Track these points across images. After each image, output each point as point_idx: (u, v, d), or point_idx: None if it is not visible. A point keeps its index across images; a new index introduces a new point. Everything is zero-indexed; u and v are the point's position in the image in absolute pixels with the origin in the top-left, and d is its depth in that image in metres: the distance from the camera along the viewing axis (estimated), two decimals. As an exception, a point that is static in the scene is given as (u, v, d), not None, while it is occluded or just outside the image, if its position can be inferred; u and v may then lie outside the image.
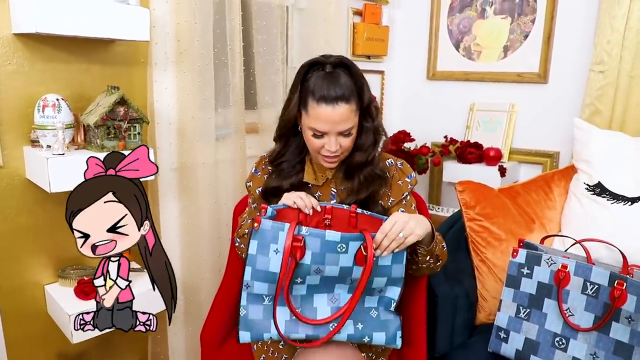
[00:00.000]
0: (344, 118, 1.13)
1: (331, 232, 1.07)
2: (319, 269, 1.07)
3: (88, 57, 1.42)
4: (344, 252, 1.07)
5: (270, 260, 1.07)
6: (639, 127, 1.75)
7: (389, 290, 1.13)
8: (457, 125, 2.31)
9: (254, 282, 1.09)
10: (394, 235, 1.05)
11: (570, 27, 1.98)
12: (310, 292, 1.12)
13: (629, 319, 1.17)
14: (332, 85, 1.11)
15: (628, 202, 1.47)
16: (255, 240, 1.08)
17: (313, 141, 1.17)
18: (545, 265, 1.30)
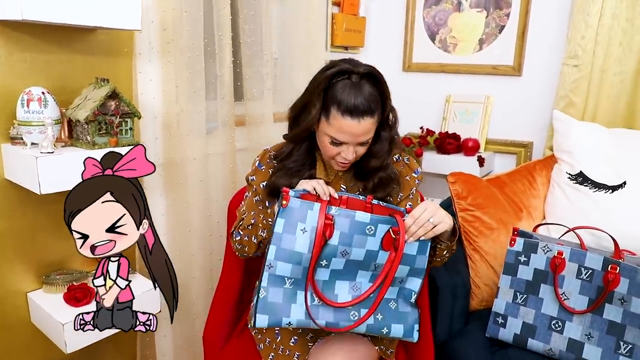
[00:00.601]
0: (366, 131, 1.11)
1: (361, 212, 1.07)
2: (346, 251, 1.06)
3: (69, 46, 1.32)
4: (372, 234, 1.07)
5: (297, 240, 1.05)
6: (610, 118, 1.86)
7: (410, 281, 1.13)
8: (434, 117, 2.35)
9: (277, 262, 1.06)
10: (424, 221, 1.05)
11: (543, 22, 2.06)
12: (332, 278, 1.10)
13: (622, 300, 1.24)
14: (359, 98, 1.07)
15: (609, 190, 1.56)
16: (282, 219, 1.05)
17: (330, 148, 1.15)
18: (541, 252, 1.36)
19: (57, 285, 1.34)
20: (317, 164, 1.25)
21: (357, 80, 1.09)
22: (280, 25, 1.90)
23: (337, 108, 1.08)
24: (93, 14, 1.18)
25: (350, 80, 1.09)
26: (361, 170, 1.23)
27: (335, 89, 1.09)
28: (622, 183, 1.56)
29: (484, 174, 2.10)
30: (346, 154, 1.14)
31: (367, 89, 1.08)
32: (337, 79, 1.10)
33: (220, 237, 1.70)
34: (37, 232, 1.33)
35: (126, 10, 1.24)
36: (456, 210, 1.62)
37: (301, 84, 1.93)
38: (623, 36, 1.82)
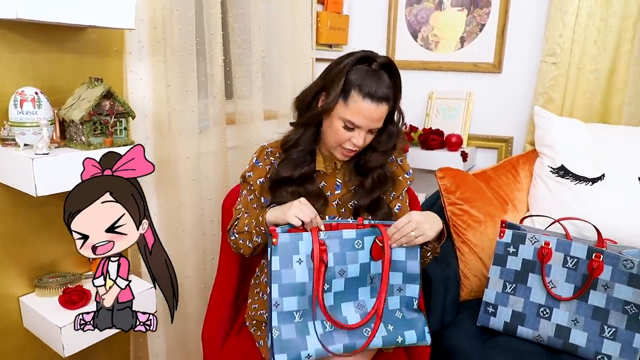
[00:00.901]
0: (381, 117, 1.16)
1: (347, 230, 1.13)
2: (342, 270, 1.11)
3: (59, 45, 1.30)
4: (361, 248, 1.13)
5: (296, 272, 1.09)
6: (586, 114, 1.93)
7: (408, 288, 1.17)
8: (417, 113, 2.39)
9: (282, 299, 1.09)
10: (406, 232, 1.11)
11: (522, 21, 2.13)
12: (337, 302, 1.14)
13: (605, 287, 1.31)
14: (380, 84, 1.12)
15: (589, 183, 1.64)
16: (277, 256, 1.09)
17: (342, 133, 1.17)
18: (529, 243, 1.41)
19: (51, 289, 1.32)
20: (317, 157, 1.28)
21: (377, 67, 1.14)
22: (267, 24, 1.91)
23: (359, 91, 1.13)
24: (88, 13, 1.17)
25: (370, 67, 1.14)
26: (361, 165, 1.26)
27: (356, 74, 1.14)
28: (601, 175, 1.63)
29: (467, 168, 2.16)
30: (357, 140, 1.17)
31: (385, 77, 1.14)
32: (358, 65, 1.15)
33: (214, 236, 1.70)
34: (28, 235, 1.31)
35: (120, 9, 1.23)
36: (445, 205, 1.66)
37: (288, 82, 1.96)
38: (598, 35, 1.90)
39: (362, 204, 1.25)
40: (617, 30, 1.87)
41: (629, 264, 1.27)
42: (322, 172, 1.29)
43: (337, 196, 1.30)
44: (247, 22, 1.72)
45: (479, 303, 1.50)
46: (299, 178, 1.24)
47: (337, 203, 1.29)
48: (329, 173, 1.28)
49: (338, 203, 1.29)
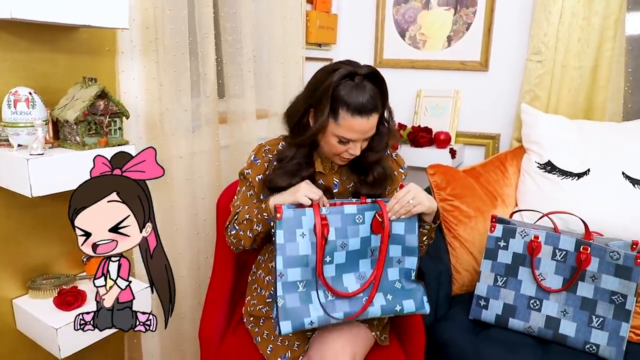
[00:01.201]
0: (373, 127, 1.19)
1: (348, 205, 1.19)
2: (344, 243, 1.17)
3: (51, 45, 1.29)
4: (362, 222, 1.19)
5: (299, 245, 1.15)
6: (571, 111, 1.98)
7: (407, 260, 1.23)
8: (405, 111, 2.42)
9: (287, 269, 1.15)
10: (405, 201, 1.16)
11: (508, 20, 2.17)
12: (339, 273, 1.19)
13: (593, 278, 1.35)
14: (365, 97, 1.13)
15: (575, 178, 1.68)
16: (281, 230, 1.15)
17: (338, 147, 1.21)
18: (519, 237, 1.45)
19: (45, 290, 1.31)
20: (316, 161, 1.30)
21: (360, 80, 1.14)
22: (258, 23, 1.91)
23: (347, 109, 1.14)
24: (82, 12, 1.16)
25: (353, 81, 1.14)
26: (358, 164, 1.28)
27: (341, 92, 1.14)
28: (587, 170, 1.68)
29: (456, 165, 2.19)
30: (353, 150, 1.21)
31: (370, 87, 1.15)
32: (342, 81, 1.14)
33: (208, 235, 1.70)
34: (21, 237, 1.30)
35: (113, 9, 1.23)
36: (436, 201, 1.69)
37: (279, 82, 1.97)
38: (581, 33, 1.95)
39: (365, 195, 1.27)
40: (599, 28, 1.92)
41: (615, 256, 1.32)
42: (320, 172, 1.30)
43: (334, 195, 1.32)
44: (239, 22, 1.72)
45: (470, 297, 1.53)
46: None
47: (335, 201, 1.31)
48: (326, 173, 1.31)
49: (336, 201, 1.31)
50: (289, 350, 1.24)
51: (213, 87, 1.63)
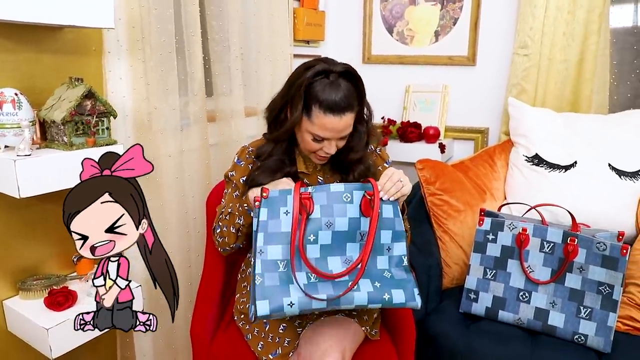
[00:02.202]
0: (347, 126, 1.18)
1: (334, 184, 1.15)
2: (329, 222, 1.12)
3: (36, 45, 1.28)
4: (350, 201, 1.13)
5: (282, 222, 1.11)
6: (558, 104, 2.00)
7: (396, 247, 1.17)
8: (394, 107, 2.43)
9: (267, 247, 1.10)
10: (396, 179, 1.13)
11: (494, 14, 2.18)
12: (323, 255, 1.13)
13: (580, 269, 1.37)
14: (339, 95, 1.12)
15: (562, 170, 1.70)
16: (265, 208, 1.11)
17: (312, 145, 1.20)
18: (507, 230, 1.46)
19: (35, 291, 1.31)
20: (297, 159, 1.30)
21: (335, 78, 1.14)
22: (245, 21, 1.91)
23: (319, 106, 1.13)
24: (67, 12, 1.16)
25: (328, 79, 1.14)
26: (340, 163, 1.28)
27: (315, 89, 1.14)
28: (574, 162, 1.70)
29: (445, 159, 2.21)
30: (328, 149, 1.20)
31: (345, 86, 1.14)
32: (316, 78, 1.14)
33: (198, 234, 1.70)
34: (10, 238, 1.29)
35: (98, 9, 1.22)
36: (425, 195, 1.70)
37: (267, 79, 1.97)
38: (566, 27, 1.97)
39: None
40: (584, 22, 1.94)
41: (602, 246, 1.33)
42: (303, 172, 1.30)
43: None
44: (226, 20, 1.72)
45: (461, 290, 1.55)
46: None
47: None
48: (310, 173, 1.30)
49: None
50: (279, 347, 1.25)
51: (201, 85, 1.63)
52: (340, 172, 1.31)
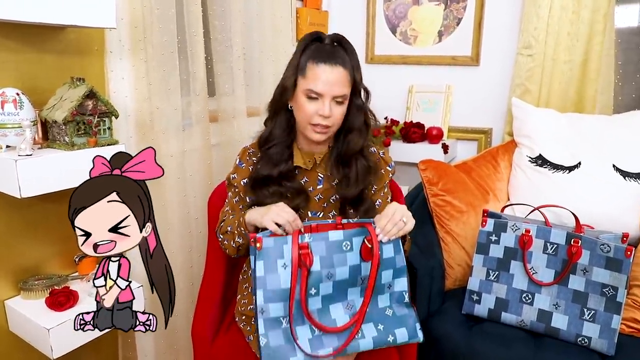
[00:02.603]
0: (340, 80, 1.17)
1: (333, 232, 1.10)
2: (330, 273, 1.08)
3: (38, 45, 1.28)
4: (349, 249, 1.10)
5: (281, 277, 1.07)
6: (562, 104, 1.99)
7: (397, 283, 1.15)
8: (398, 107, 2.42)
9: (268, 305, 1.07)
10: (397, 219, 1.10)
11: (498, 14, 2.17)
12: (325, 304, 1.11)
13: (584, 271, 1.36)
14: (331, 51, 1.18)
15: (566, 171, 1.69)
16: (261, 261, 1.07)
17: (307, 107, 1.19)
18: (510, 231, 1.45)
19: (37, 291, 1.31)
20: (295, 153, 1.29)
21: (329, 42, 1.22)
22: (248, 21, 1.91)
23: (313, 60, 1.18)
24: (69, 12, 1.16)
25: (322, 43, 1.21)
26: (342, 154, 1.27)
27: (309, 50, 1.20)
28: (577, 163, 1.69)
29: (448, 160, 2.20)
30: (323, 109, 1.17)
31: (338, 49, 1.20)
32: (309, 43, 1.21)
33: (200, 234, 1.70)
34: (11, 237, 1.29)
35: (100, 8, 1.22)
36: (428, 196, 1.69)
37: (270, 79, 1.96)
38: (570, 27, 1.96)
39: (350, 195, 1.25)
40: (588, 22, 1.92)
41: (606, 248, 1.32)
42: (303, 169, 1.29)
43: (319, 191, 1.30)
44: (228, 20, 1.72)
45: (463, 291, 1.54)
46: (279, 176, 1.25)
47: (320, 197, 1.30)
48: (309, 168, 1.29)
49: (320, 197, 1.30)
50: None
51: (203, 85, 1.62)
52: (343, 166, 1.28)
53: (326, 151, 1.30)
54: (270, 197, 1.24)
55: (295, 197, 1.25)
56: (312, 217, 1.28)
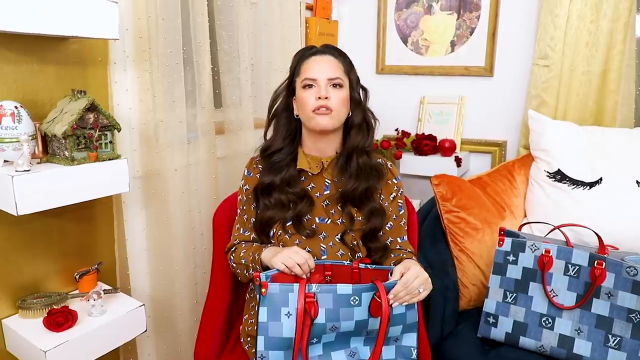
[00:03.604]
0: (332, 65, 1.22)
1: (342, 285, 1.06)
2: (335, 326, 1.05)
3: (39, 56, 1.25)
4: (357, 304, 1.06)
5: (283, 326, 1.04)
6: (579, 115, 1.92)
7: (405, 338, 1.11)
8: (409, 118, 2.37)
9: (268, 352, 1.05)
10: (414, 289, 1.07)
11: (513, 23, 2.11)
12: (327, 351, 1.09)
13: (609, 295, 1.28)
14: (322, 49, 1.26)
15: (587, 187, 1.61)
16: (265, 307, 1.05)
17: (305, 96, 1.21)
18: (529, 251, 1.38)
19: (35, 310, 1.26)
20: (300, 157, 1.27)
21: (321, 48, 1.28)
22: (256, 31, 1.87)
23: (305, 59, 1.24)
24: (70, 23, 1.13)
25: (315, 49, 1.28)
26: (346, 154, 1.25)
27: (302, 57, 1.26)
28: (599, 179, 1.61)
29: (461, 173, 2.14)
30: (320, 91, 1.19)
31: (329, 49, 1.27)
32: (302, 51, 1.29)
33: (205, 250, 1.65)
34: (10, 253, 1.25)
35: (103, 19, 1.19)
36: (441, 212, 1.63)
37: (279, 90, 1.92)
38: (589, 37, 1.89)
39: (349, 189, 1.23)
40: (608, 31, 1.86)
41: (633, 271, 1.25)
42: (309, 174, 1.27)
43: (326, 196, 1.27)
44: (235, 30, 1.68)
45: (479, 312, 1.47)
46: (282, 183, 1.24)
47: (327, 203, 1.27)
48: (316, 173, 1.26)
49: (327, 203, 1.27)
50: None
51: (209, 97, 1.58)
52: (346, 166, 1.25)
53: (334, 156, 1.27)
54: (272, 208, 1.23)
55: (298, 202, 1.23)
56: (320, 223, 1.24)
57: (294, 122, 1.28)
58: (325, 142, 1.25)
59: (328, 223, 1.25)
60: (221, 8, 1.62)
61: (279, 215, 1.23)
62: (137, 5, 1.39)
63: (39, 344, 1.15)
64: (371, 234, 1.25)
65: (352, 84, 1.26)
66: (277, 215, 1.23)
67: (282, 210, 1.23)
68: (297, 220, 1.23)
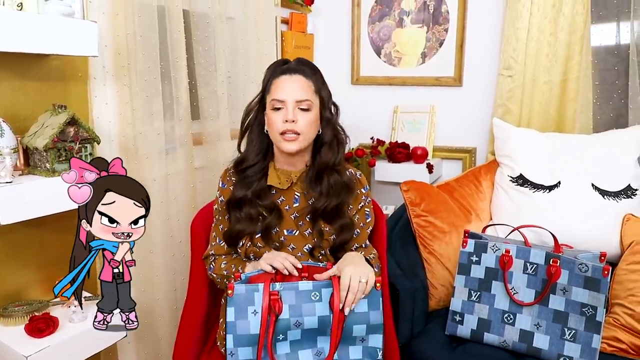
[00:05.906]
0: (301, 86, 1.24)
1: (303, 282, 1.14)
2: (298, 321, 1.12)
3: (21, 73, 1.30)
4: (318, 300, 1.14)
5: (250, 323, 1.11)
6: (542, 123, 2.02)
7: (371, 339, 1.17)
8: (383, 127, 2.45)
9: (237, 348, 1.11)
10: (355, 287, 1.11)
11: (479, 36, 2.22)
12: (294, 349, 1.15)
13: (564, 290, 1.37)
14: (293, 67, 1.27)
15: (547, 190, 1.71)
16: (232, 307, 1.12)
17: (274, 118, 1.24)
18: (491, 251, 1.47)
19: (17, 317, 1.30)
20: (270, 173, 1.31)
21: (294, 63, 1.30)
22: (232, 45, 1.94)
23: (275, 77, 1.26)
24: (50, 42, 1.18)
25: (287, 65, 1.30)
26: (316, 172, 1.29)
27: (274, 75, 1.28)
28: (557, 183, 1.71)
29: (434, 179, 2.22)
30: (287, 114, 1.22)
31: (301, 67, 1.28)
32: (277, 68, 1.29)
33: (184, 257, 1.70)
34: (-10, 263, 1.29)
35: (83, 37, 1.25)
36: (410, 217, 1.71)
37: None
38: (549, 48, 2.00)
39: (320, 207, 1.27)
40: (566, 43, 1.97)
41: (584, 268, 1.34)
42: (279, 188, 1.31)
43: (295, 209, 1.31)
44: (212, 45, 1.75)
45: (447, 312, 1.54)
46: (252, 196, 1.28)
47: (295, 216, 1.31)
48: (285, 188, 1.31)
49: (296, 216, 1.31)
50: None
51: (186, 109, 1.64)
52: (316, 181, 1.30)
53: (303, 170, 1.32)
54: (242, 222, 1.28)
55: (267, 215, 1.28)
56: (288, 235, 1.30)
57: (266, 137, 1.31)
58: (295, 158, 1.30)
59: (296, 235, 1.30)
60: (197, 24, 1.69)
61: (249, 228, 1.27)
62: (116, 22, 1.44)
63: (20, 349, 1.19)
64: (340, 246, 1.30)
65: (323, 101, 1.28)
66: (247, 229, 1.27)
67: (251, 223, 1.27)
68: (266, 232, 1.27)
